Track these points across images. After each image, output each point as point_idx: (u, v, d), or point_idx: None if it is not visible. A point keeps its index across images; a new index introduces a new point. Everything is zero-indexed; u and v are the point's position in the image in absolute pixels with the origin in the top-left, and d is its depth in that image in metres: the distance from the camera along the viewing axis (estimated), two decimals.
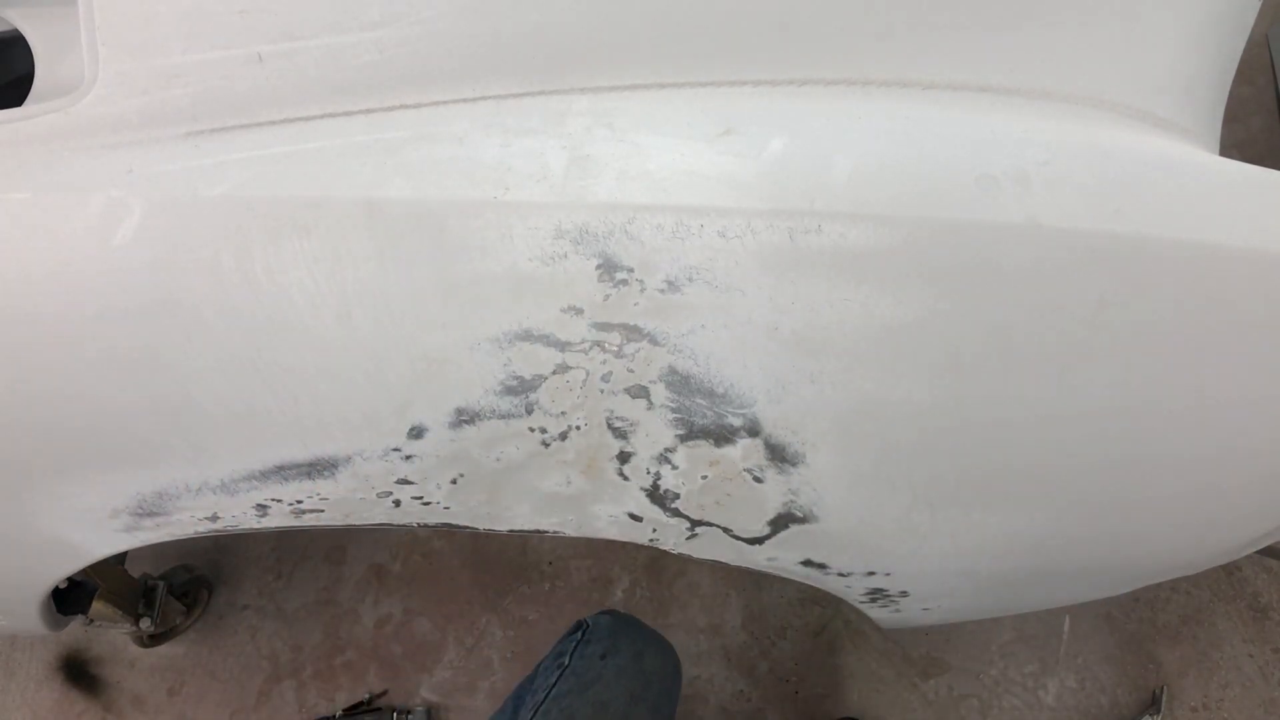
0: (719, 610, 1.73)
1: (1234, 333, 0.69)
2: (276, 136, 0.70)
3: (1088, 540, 0.84)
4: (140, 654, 1.73)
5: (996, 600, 1.02)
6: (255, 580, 1.80)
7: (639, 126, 0.69)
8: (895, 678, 1.71)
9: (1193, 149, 0.71)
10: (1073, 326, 0.68)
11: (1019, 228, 0.65)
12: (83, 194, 0.70)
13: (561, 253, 0.68)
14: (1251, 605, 1.73)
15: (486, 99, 0.69)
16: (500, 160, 0.68)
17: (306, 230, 0.69)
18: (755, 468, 0.77)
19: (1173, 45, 0.73)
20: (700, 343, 0.71)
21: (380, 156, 0.69)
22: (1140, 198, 0.66)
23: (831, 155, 0.67)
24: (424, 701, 1.67)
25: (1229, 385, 0.71)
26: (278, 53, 0.69)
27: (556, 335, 0.71)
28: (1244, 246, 0.66)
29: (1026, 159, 0.67)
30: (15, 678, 1.76)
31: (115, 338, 0.73)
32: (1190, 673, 1.69)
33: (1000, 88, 0.71)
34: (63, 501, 0.85)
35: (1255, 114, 2.05)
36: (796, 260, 0.67)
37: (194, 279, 0.70)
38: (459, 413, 0.75)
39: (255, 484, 0.81)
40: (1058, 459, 0.76)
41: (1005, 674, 1.71)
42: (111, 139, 0.70)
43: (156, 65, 0.69)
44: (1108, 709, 1.68)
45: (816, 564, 0.90)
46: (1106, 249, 0.65)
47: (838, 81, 0.70)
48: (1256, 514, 0.82)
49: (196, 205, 0.69)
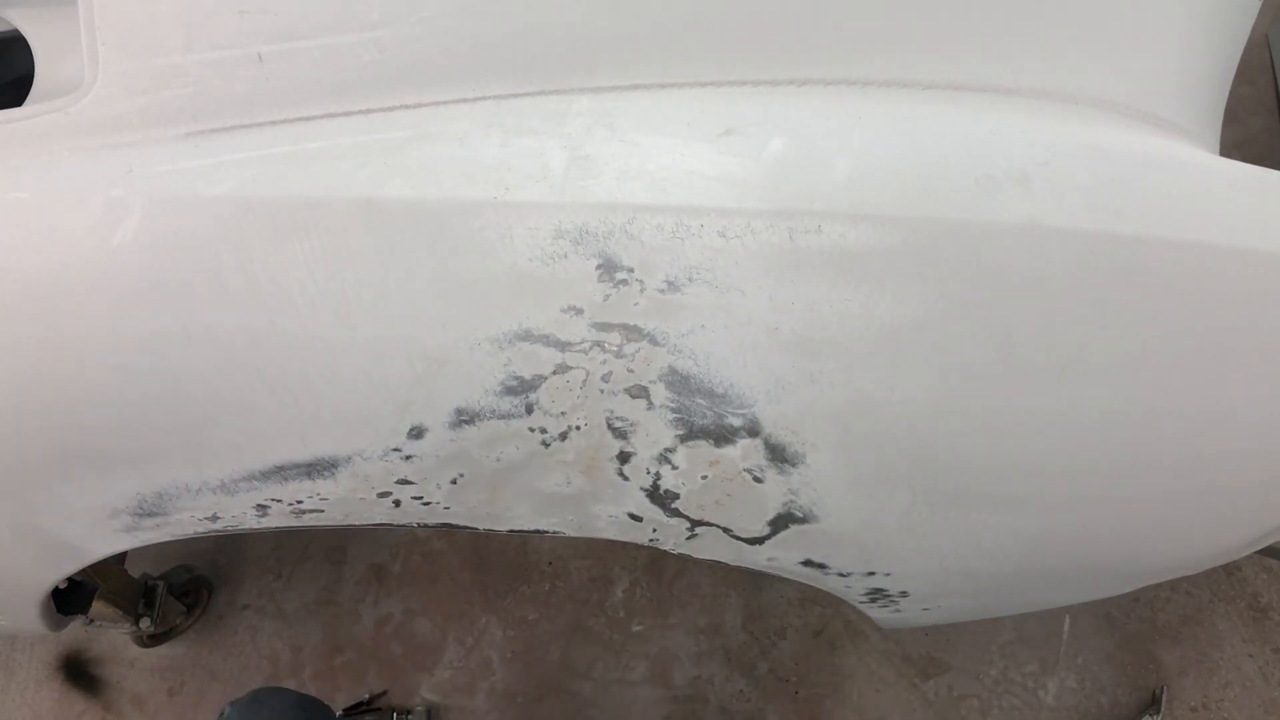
0: (719, 610, 1.73)
1: (1234, 332, 0.69)
2: (276, 137, 0.70)
3: (1087, 540, 0.84)
4: (140, 654, 1.73)
5: (996, 600, 1.02)
6: (255, 580, 1.80)
7: (639, 126, 0.69)
8: (895, 678, 1.71)
9: (1193, 149, 0.71)
10: (1072, 326, 0.68)
11: (1019, 228, 0.65)
12: (83, 194, 0.70)
13: (561, 253, 0.68)
14: (1251, 605, 1.73)
15: (486, 99, 0.69)
16: (500, 160, 0.68)
17: (306, 230, 0.69)
18: (755, 468, 0.77)
19: (1173, 46, 0.73)
20: (700, 343, 0.71)
21: (380, 156, 0.69)
22: (1140, 198, 0.66)
23: (832, 156, 0.67)
24: (424, 701, 1.67)
25: (1229, 384, 0.71)
26: (277, 53, 0.69)
27: (556, 335, 0.71)
28: (1244, 246, 0.66)
29: (1026, 159, 0.67)
30: (15, 678, 1.76)
31: (115, 337, 0.73)
32: (1190, 673, 1.69)
33: (1000, 88, 0.71)
34: (63, 502, 0.85)
35: (1255, 114, 2.05)
36: (796, 260, 0.67)
37: (194, 279, 0.70)
38: (459, 413, 0.75)
39: (255, 484, 0.81)
40: (1057, 459, 0.76)
41: (1005, 674, 1.71)
42: (112, 139, 0.71)
43: (156, 66, 0.69)
44: (1108, 709, 1.68)
45: (816, 564, 0.90)
46: (1106, 248, 0.65)
47: (838, 82, 0.70)
48: (1256, 514, 0.82)
49: (196, 205, 0.69)
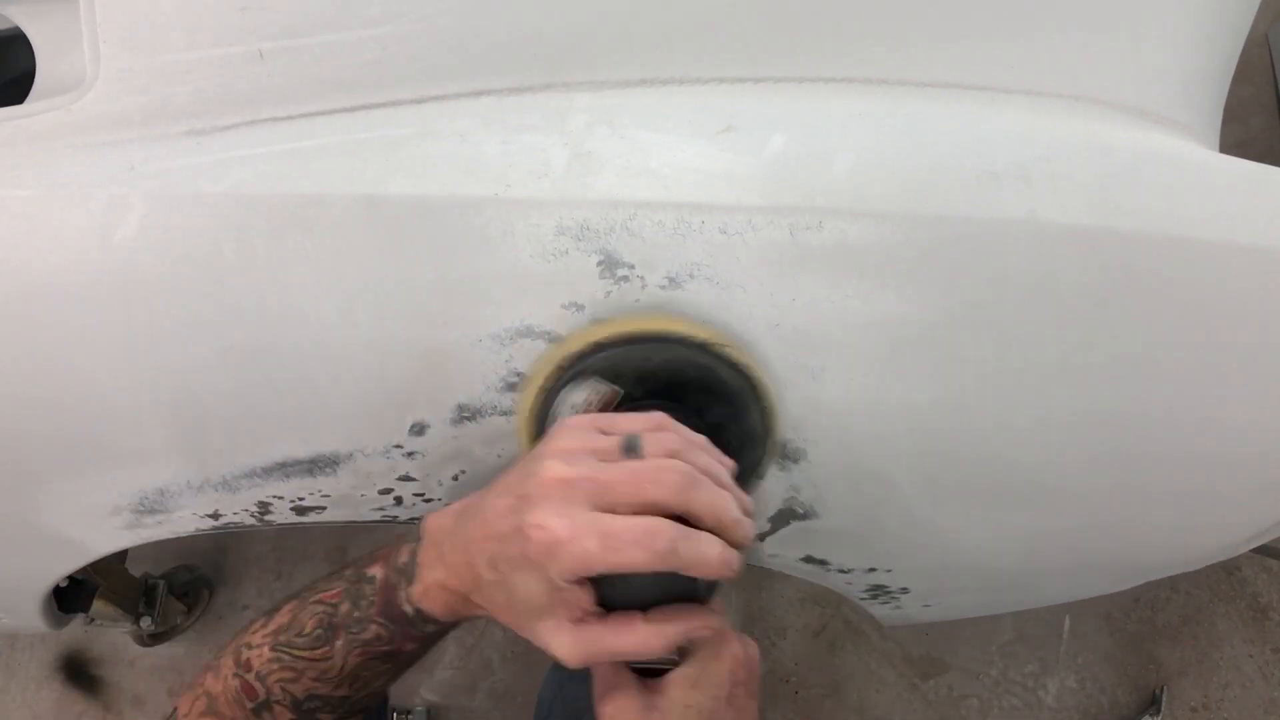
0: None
1: (1235, 328, 0.69)
2: (278, 133, 0.70)
3: (1088, 536, 0.85)
4: (140, 654, 1.73)
5: (997, 597, 1.02)
6: (255, 580, 1.80)
7: (640, 123, 0.69)
8: (895, 678, 1.71)
9: (1193, 146, 0.71)
10: (1073, 322, 0.68)
11: (1020, 224, 0.65)
12: (84, 191, 0.70)
13: (563, 249, 0.68)
14: (1251, 605, 1.73)
15: (487, 95, 0.69)
16: (501, 157, 0.68)
17: (308, 227, 0.69)
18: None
19: (1173, 43, 0.74)
20: None
21: (382, 153, 0.69)
22: (1141, 194, 0.66)
23: (833, 152, 0.67)
24: (424, 701, 1.67)
25: (1229, 381, 0.71)
26: (279, 49, 0.69)
27: (558, 332, 0.71)
28: (1244, 243, 0.66)
29: (1027, 156, 0.67)
30: (15, 678, 1.76)
31: (116, 335, 0.73)
32: (1190, 673, 1.69)
33: (1001, 86, 0.71)
34: (64, 499, 0.85)
35: (1255, 114, 2.05)
36: (798, 257, 0.67)
37: (196, 276, 0.70)
38: (461, 409, 0.75)
39: (257, 481, 0.81)
40: (1058, 455, 0.76)
41: (1005, 674, 1.71)
42: (113, 136, 0.71)
43: (158, 63, 0.69)
44: (1108, 709, 1.68)
45: (817, 560, 0.90)
46: (1107, 245, 0.65)
47: (839, 79, 0.70)
48: (1257, 510, 0.82)
49: (198, 202, 0.69)
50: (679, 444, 0.54)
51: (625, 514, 0.51)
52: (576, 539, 0.50)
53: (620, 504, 0.51)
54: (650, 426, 0.56)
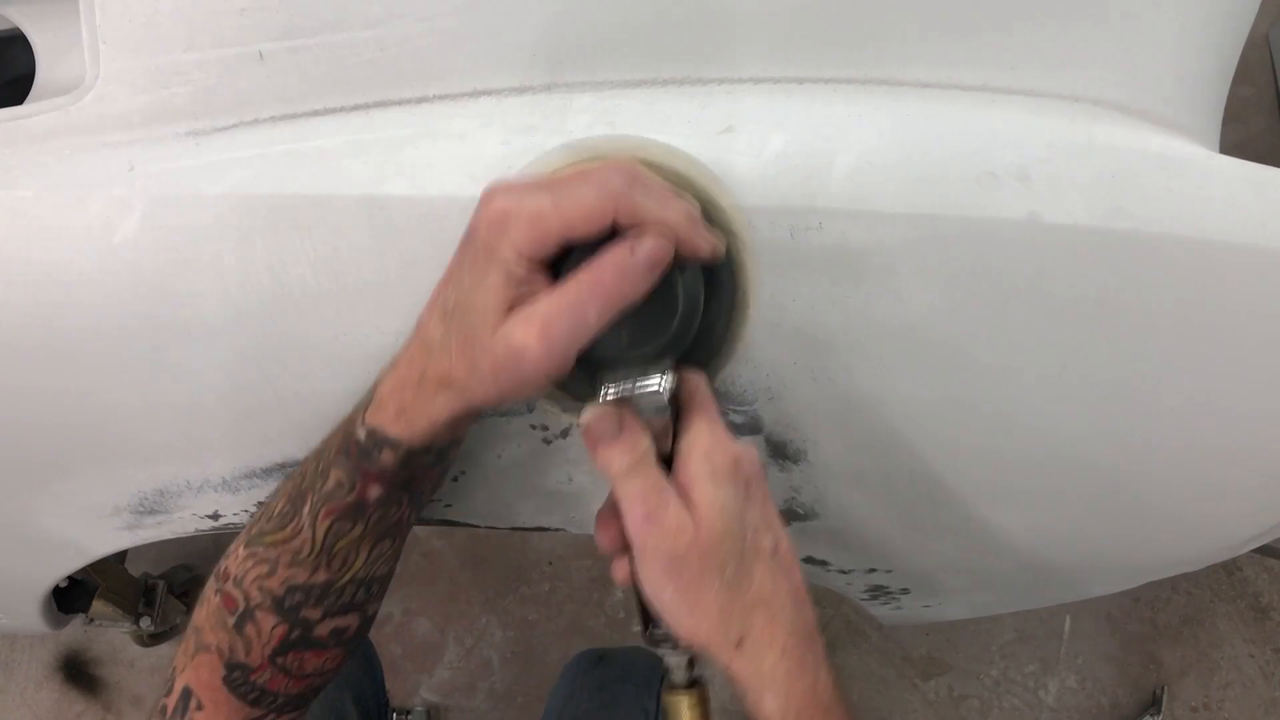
0: None
1: (1234, 329, 0.69)
2: (278, 134, 0.70)
3: (1089, 536, 0.85)
4: (140, 654, 1.73)
5: (998, 597, 1.02)
6: None
7: (639, 124, 0.69)
8: (896, 678, 1.71)
9: (1193, 146, 0.71)
10: (1072, 323, 0.68)
11: (1020, 224, 0.65)
12: (84, 192, 0.70)
13: None
14: (1252, 605, 1.73)
15: (487, 95, 0.69)
16: (501, 158, 0.68)
17: (308, 228, 0.69)
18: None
19: (1173, 43, 0.74)
20: None
21: (381, 154, 0.69)
22: (1140, 194, 0.66)
23: (833, 153, 0.67)
24: (424, 701, 1.67)
25: (1229, 382, 0.71)
26: (279, 50, 0.69)
27: None
28: (1244, 243, 0.66)
29: (1027, 156, 0.67)
30: (15, 678, 1.76)
31: (116, 335, 0.73)
32: (1190, 673, 1.69)
33: (1000, 86, 0.71)
34: (64, 499, 0.85)
35: (1255, 114, 2.05)
36: (797, 257, 0.67)
37: (195, 276, 0.70)
38: None
39: (257, 481, 0.81)
40: (1058, 456, 0.76)
41: (1005, 674, 1.71)
42: (113, 137, 0.71)
43: (158, 63, 0.69)
44: (1108, 709, 1.68)
45: (818, 561, 0.90)
46: (1107, 245, 0.65)
47: (838, 80, 0.70)
48: (1257, 510, 0.82)
49: (198, 203, 0.69)
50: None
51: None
52: (525, 201, 0.50)
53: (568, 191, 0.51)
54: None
